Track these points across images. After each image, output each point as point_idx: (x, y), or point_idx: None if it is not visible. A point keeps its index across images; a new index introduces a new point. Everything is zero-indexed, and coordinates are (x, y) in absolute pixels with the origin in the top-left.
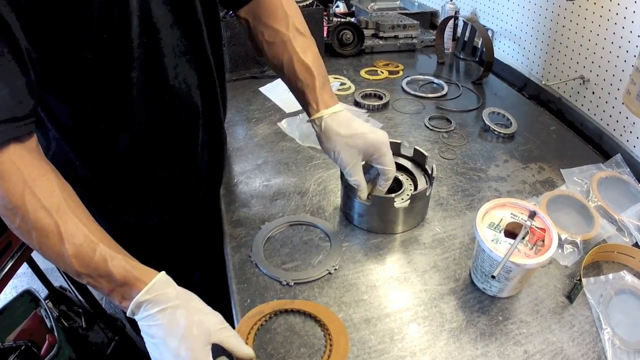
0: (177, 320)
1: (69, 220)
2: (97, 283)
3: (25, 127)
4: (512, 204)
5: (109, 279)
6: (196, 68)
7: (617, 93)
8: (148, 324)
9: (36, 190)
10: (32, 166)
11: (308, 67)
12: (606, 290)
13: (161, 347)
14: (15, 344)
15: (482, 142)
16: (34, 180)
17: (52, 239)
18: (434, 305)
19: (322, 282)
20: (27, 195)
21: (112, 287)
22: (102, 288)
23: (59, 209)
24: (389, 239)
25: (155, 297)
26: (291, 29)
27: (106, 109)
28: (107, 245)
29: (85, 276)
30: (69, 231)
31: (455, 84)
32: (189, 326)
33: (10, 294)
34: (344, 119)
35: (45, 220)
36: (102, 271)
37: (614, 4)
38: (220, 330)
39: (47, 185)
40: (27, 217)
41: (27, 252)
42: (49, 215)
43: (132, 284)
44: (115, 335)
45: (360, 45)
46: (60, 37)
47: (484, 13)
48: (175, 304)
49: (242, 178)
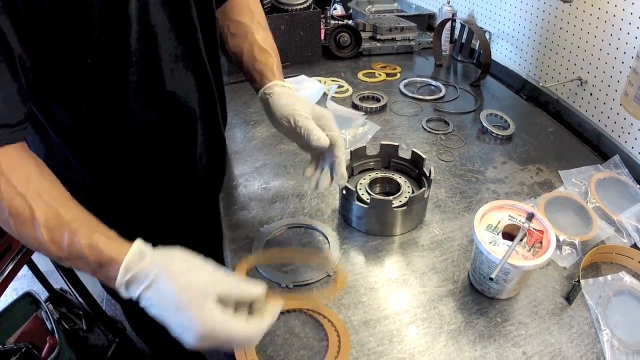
0: (164, 294)
1: (42, 204)
2: (78, 266)
3: (17, 134)
4: (510, 206)
5: (85, 262)
6: (193, 73)
7: (615, 94)
8: (145, 305)
9: (12, 178)
10: (10, 157)
11: (267, 51)
12: (605, 291)
13: (167, 322)
14: (16, 346)
15: (480, 144)
16: (11, 169)
17: (28, 224)
18: (433, 307)
19: (321, 284)
20: (2, 184)
21: (92, 268)
22: (85, 270)
23: (33, 194)
24: (387, 241)
25: (135, 274)
26: (254, 23)
27: (105, 112)
28: (82, 224)
29: (65, 259)
30: (42, 215)
31: (453, 86)
32: (178, 295)
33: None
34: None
35: (20, 207)
36: (76, 253)
37: (611, 6)
38: (214, 283)
39: (24, 172)
40: (3, 206)
41: (27, 254)
42: (23, 200)
43: (107, 265)
44: (116, 337)
45: (358, 48)
46: (61, 41)
47: (481, 15)
48: (155, 274)
49: (240, 181)
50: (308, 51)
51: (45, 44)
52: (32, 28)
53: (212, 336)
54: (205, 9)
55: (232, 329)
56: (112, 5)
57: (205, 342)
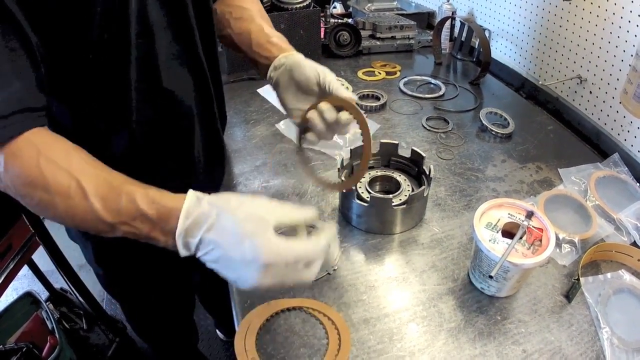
0: (226, 228)
1: (89, 174)
2: (135, 228)
3: (39, 119)
4: (509, 204)
5: (143, 219)
6: (190, 71)
7: (615, 92)
8: (205, 252)
9: (51, 155)
10: (43, 136)
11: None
12: (604, 289)
13: (230, 263)
14: (17, 346)
15: (480, 142)
16: (48, 147)
17: (77, 197)
18: (433, 305)
19: (321, 282)
20: (42, 163)
21: (150, 226)
22: (140, 232)
23: (77, 167)
24: (387, 240)
25: (195, 218)
26: (254, 6)
27: (105, 109)
28: (132, 185)
29: (120, 225)
30: (91, 184)
31: (453, 85)
32: (240, 225)
33: (11, 296)
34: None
35: (66, 181)
36: (135, 212)
37: (611, 4)
38: (272, 210)
39: (61, 147)
40: (48, 185)
41: (28, 254)
42: (68, 174)
43: (167, 216)
44: (116, 336)
45: (358, 46)
46: (64, 37)
47: (481, 13)
48: (215, 213)
49: (241, 179)
50: (308, 50)
51: (51, 39)
52: (40, 23)
53: (278, 261)
54: (203, 8)
55: (295, 249)
56: (114, 3)
57: (269, 272)
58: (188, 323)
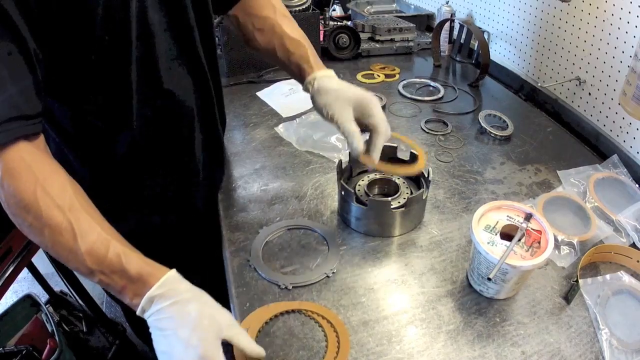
0: (188, 312)
1: (81, 218)
2: (110, 280)
3: (34, 126)
4: (508, 207)
5: (122, 275)
6: (190, 72)
7: (614, 94)
8: (158, 317)
9: (48, 188)
10: (42, 163)
11: (298, 41)
12: (603, 290)
13: (172, 338)
14: (17, 349)
15: (479, 144)
16: (45, 178)
17: (66, 236)
18: (432, 308)
19: (320, 285)
20: (39, 192)
21: (124, 283)
22: (114, 285)
23: (72, 207)
24: (386, 242)
25: (167, 291)
26: (278, 15)
27: (106, 110)
28: (120, 242)
29: (98, 273)
30: (82, 229)
31: (452, 87)
32: (201, 318)
33: (11, 298)
34: (336, 80)
35: (59, 218)
36: (116, 267)
37: (609, 5)
38: (230, 326)
39: (59, 183)
40: (40, 215)
41: (27, 256)
42: (62, 213)
43: (145, 280)
44: (116, 339)
45: (357, 49)
46: (66, 38)
47: (479, 15)
48: (187, 297)
49: (240, 182)
50: None
51: (53, 40)
52: (42, 25)
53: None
54: (202, 10)
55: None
56: (115, 5)
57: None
58: None
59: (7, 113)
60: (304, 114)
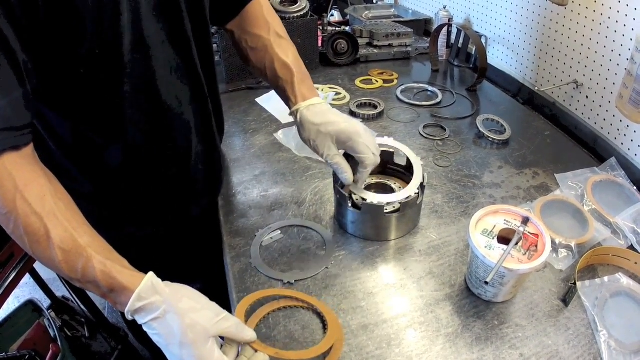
0: (171, 328)
1: (58, 225)
2: (88, 288)
3: (22, 137)
4: (505, 211)
5: (96, 285)
6: (187, 83)
7: (611, 97)
8: (149, 331)
9: (27, 196)
10: (24, 171)
11: (287, 65)
12: (601, 292)
13: (167, 353)
14: (19, 354)
15: (477, 149)
16: (25, 186)
17: (43, 244)
18: (430, 311)
19: (320, 289)
20: (18, 200)
21: (101, 292)
22: (95, 292)
23: (49, 214)
24: (384, 247)
25: (145, 305)
26: (272, 34)
27: (100, 122)
28: (95, 251)
29: (76, 281)
30: (58, 236)
31: (450, 92)
32: (184, 332)
33: (13, 304)
34: (320, 110)
35: (36, 226)
36: (89, 277)
37: (606, 9)
38: (216, 323)
39: (38, 190)
40: (19, 223)
41: (29, 262)
42: (39, 220)
43: (119, 292)
44: (118, 344)
45: (355, 55)
46: (55, 51)
47: (477, 20)
48: (164, 309)
49: (240, 189)
50: (305, 58)
51: (42, 53)
52: (31, 36)
53: None
54: (199, 21)
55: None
56: (104, 17)
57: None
58: None
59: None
60: None
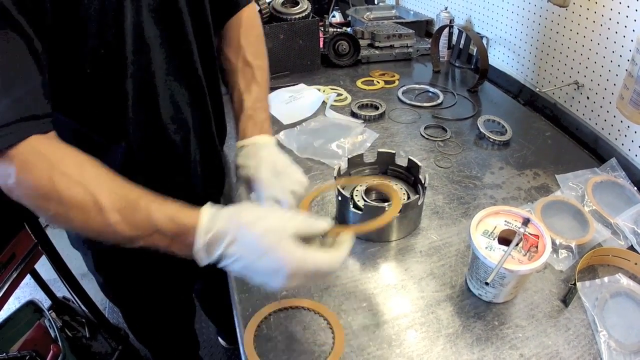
0: (247, 244)
1: (104, 188)
2: (153, 242)
3: (44, 125)
4: (505, 212)
5: (161, 234)
6: (187, 86)
7: (612, 97)
8: (228, 263)
9: (65, 169)
10: (55, 148)
11: (242, 98)
12: (601, 293)
13: (256, 273)
14: (20, 354)
15: (478, 149)
16: (60, 160)
17: (93, 212)
18: (431, 312)
19: (321, 290)
20: (56, 176)
21: (168, 241)
22: (159, 245)
23: (92, 180)
24: (385, 248)
25: (215, 234)
26: (240, 60)
27: (103, 122)
28: (149, 200)
29: (137, 238)
30: (107, 199)
31: (451, 92)
32: (261, 241)
33: (14, 304)
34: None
35: (81, 195)
36: (152, 228)
37: (607, 10)
38: (287, 223)
39: (74, 161)
40: (62, 198)
41: (30, 263)
42: (83, 188)
43: (185, 233)
44: (119, 344)
45: (357, 56)
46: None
47: (478, 21)
48: (232, 230)
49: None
50: (307, 60)
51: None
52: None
53: (301, 271)
54: (201, 23)
55: (316, 260)
56: (108, 19)
57: (293, 279)
58: (188, 330)
59: (17, 113)
60: (304, 121)
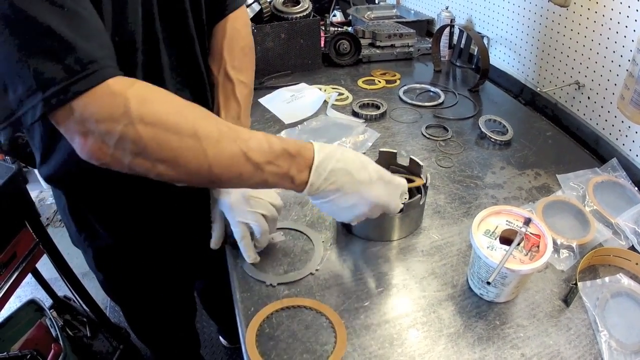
0: (351, 159)
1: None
2: (277, 167)
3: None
4: (507, 212)
5: (286, 156)
6: (187, 84)
7: (613, 97)
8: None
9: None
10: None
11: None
12: (602, 293)
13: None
14: (21, 353)
15: (479, 149)
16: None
17: (225, 141)
18: (433, 311)
19: (322, 290)
20: (185, 109)
21: (290, 162)
22: (279, 171)
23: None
24: (387, 247)
25: (328, 153)
26: (221, 74)
27: None
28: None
29: (266, 164)
30: (234, 129)
31: (452, 92)
32: (359, 156)
33: (15, 303)
34: None
35: (211, 127)
36: (279, 151)
37: (608, 10)
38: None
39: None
40: (196, 131)
41: (32, 262)
42: (213, 122)
43: (304, 151)
44: (120, 343)
45: (358, 55)
46: None
47: (479, 20)
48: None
49: None
50: (308, 59)
51: None
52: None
53: (391, 183)
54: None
55: (396, 178)
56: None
57: (384, 190)
58: (189, 329)
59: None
60: (305, 120)
